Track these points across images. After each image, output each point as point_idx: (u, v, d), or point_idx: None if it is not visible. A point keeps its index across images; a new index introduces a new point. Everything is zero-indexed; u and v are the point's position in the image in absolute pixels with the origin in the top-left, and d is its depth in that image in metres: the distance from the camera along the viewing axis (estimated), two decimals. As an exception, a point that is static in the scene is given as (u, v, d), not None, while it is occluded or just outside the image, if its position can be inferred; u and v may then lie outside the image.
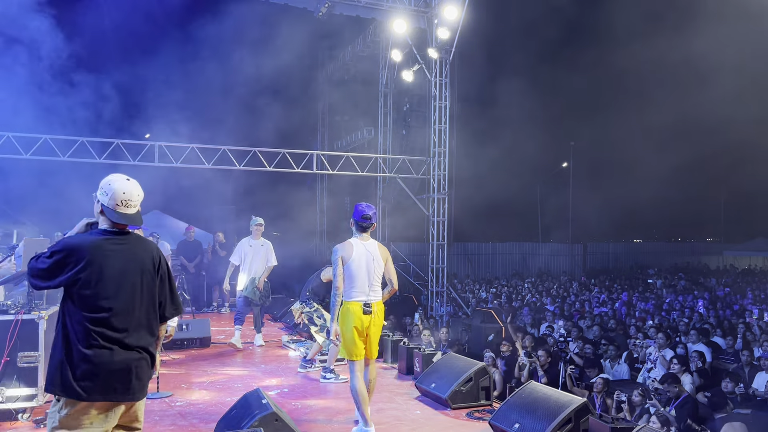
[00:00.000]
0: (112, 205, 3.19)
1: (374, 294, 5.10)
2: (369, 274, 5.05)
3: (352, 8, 14.48)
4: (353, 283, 5.03)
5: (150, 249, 3.34)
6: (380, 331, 5.25)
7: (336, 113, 21.32)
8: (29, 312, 5.28)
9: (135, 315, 3.18)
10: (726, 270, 27.64)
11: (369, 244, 5.14)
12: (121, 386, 3.11)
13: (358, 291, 5.03)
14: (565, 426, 4.64)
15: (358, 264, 5.02)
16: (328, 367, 7.05)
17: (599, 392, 7.43)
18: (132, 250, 3.25)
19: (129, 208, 3.22)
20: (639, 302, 15.59)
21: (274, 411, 4.48)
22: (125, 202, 3.20)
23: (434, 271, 14.73)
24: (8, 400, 5.13)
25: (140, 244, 3.33)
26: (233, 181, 16.36)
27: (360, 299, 5.03)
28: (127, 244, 3.25)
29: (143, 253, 3.29)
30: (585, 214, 30.66)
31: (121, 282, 3.15)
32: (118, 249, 3.20)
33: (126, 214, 3.22)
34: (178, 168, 13.57)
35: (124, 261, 3.19)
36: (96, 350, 3.05)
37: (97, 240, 3.18)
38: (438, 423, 5.57)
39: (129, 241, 3.27)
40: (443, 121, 14.61)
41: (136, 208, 3.27)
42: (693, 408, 6.73)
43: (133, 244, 3.28)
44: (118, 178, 3.27)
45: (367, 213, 5.12)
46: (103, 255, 3.13)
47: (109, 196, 3.20)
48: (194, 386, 6.73)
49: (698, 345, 9.41)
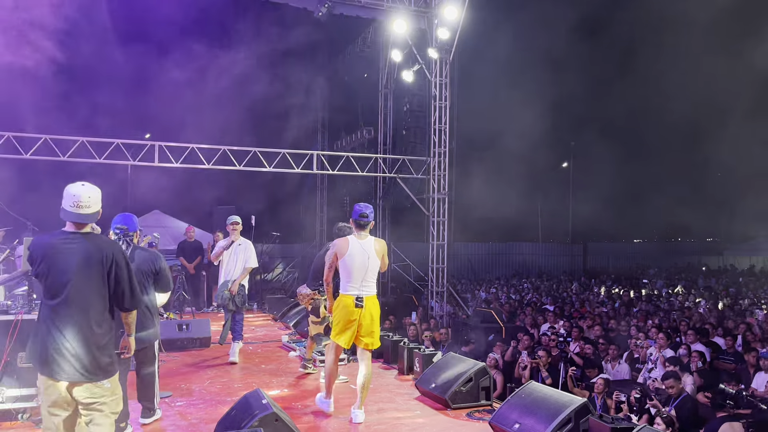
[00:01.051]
0: (65, 206, 3.69)
1: (367, 289, 5.40)
2: (363, 271, 5.36)
3: (352, 8, 14.47)
4: (348, 277, 5.38)
5: (102, 247, 3.73)
6: (376, 323, 5.51)
7: (336, 113, 21.32)
8: (29, 312, 5.27)
9: (77, 304, 3.62)
10: (726, 270, 27.64)
11: (366, 241, 5.42)
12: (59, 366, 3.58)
13: (352, 285, 5.37)
14: (565, 426, 4.64)
15: (353, 260, 5.34)
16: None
17: (599, 392, 7.43)
18: (82, 248, 3.67)
19: (79, 209, 3.67)
20: (639, 302, 15.59)
21: (274, 411, 4.48)
22: (75, 204, 3.66)
23: (434, 271, 14.73)
24: (8, 400, 5.13)
25: (94, 241, 3.74)
26: (233, 181, 16.37)
27: (353, 293, 5.37)
28: (77, 242, 3.68)
29: (94, 249, 3.69)
30: (585, 214, 30.69)
31: (67, 274, 3.61)
32: (68, 246, 3.66)
33: (72, 212, 3.67)
34: (178, 168, 13.56)
35: (72, 256, 3.64)
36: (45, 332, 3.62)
37: (51, 239, 3.71)
38: (438, 423, 5.56)
39: (80, 240, 3.69)
40: (443, 121, 14.60)
41: (89, 209, 3.69)
42: (693, 408, 6.73)
43: (85, 241, 3.70)
44: (74, 184, 3.74)
45: (364, 211, 5.45)
46: (54, 251, 3.65)
47: (64, 199, 3.69)
48: (194, 386, 6.72)
49: (698, 345, 9.41)
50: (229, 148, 13.59)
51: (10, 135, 11.95)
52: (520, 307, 15.11)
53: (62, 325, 3.59)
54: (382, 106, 17.51)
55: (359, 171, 15.28)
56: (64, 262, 3.63)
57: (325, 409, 5.69)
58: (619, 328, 11.65)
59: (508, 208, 29.62)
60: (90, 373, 3.63)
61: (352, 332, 5.39)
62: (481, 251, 28.69)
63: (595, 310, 14.06)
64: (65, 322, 3.59)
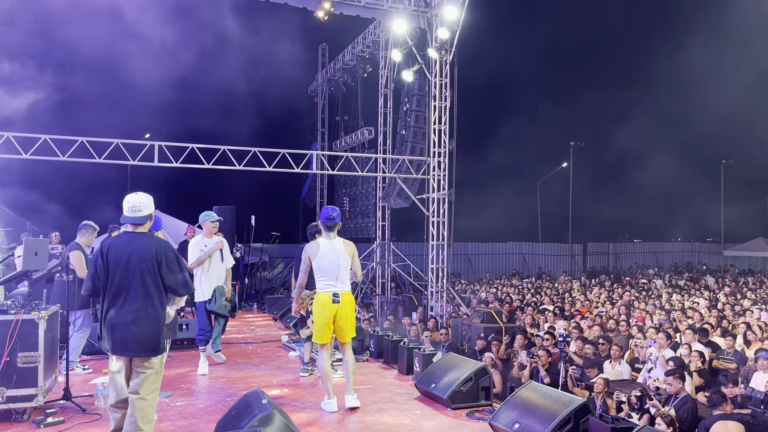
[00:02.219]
0: (124, 212, 4.45)
1: (342, 285, 5.72)
2: (336, 269, 5.67)
3: (352, 8, 14.47)
4: (323, 276, 5.69)
5: (150, 243, 4.41)
6: (352, 318, 5.85)
7: (336, 113, 21.32)
8: (29, 312, 5.27)
9: (130, 293, 4.27)
10: (726, 270, 27.63)
11: (335, 242, 5.76)
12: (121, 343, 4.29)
13: (327, 283, 5.67)
14: (564, 426, 4.64)
15: (325, 260, 5.66)
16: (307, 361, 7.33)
17: (599, 392, 7.43)
18: (133, 245, 4.36)
19: (135, 213, 4.42)
20: (639, 302, 15.58)
21: (274, 411, 4.48)
22: (131, 208, 4.42)
23: (434, 271, 14.73)
24: (8, 400, 5.13)
25: (143, 239, 4.43)
26: (233, 181, 16.37)
27: (329, 290, 5.67)
28: (131, 240, 4.41)
29: (144, 246, 4.37)
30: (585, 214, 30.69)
31: (118, 268, 4.29)
32: (122, 243, 4.39)
33: (126, 216, 4.43)
34: (178, 168, 13.56)
35: (126, 252, 4.34)
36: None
37: (112, 238, 4.54)
38: (438, 423, 5.56)
39: (134, 238, 4.41)
40: (443, 121, 14.61)
41: (141, 212, 4.43)
42: (692, 408, 6.73)
43: (137, 239, 4.40)
44: (130, 194, 4.50)
45: (331, 214, 5.78)
46: (109, 248, 4.37)
47: (123, 206, 4.46)
48: (194, 386, 6.72)
49: (697, 345, 9.40)
50: (228, 148, 13.59)
51: (10, 135, 11.95)
52: (520, 307, 15.10)
53: (116, 309, 4.27)
54: (382, 106, 17.51)
55: (359, 171, 15.27)
56: (120, 257, 4.32)
57: (330, 410, 5.71)
58: (618, 328, 11.64)
59: (508, 208, 29.66)
60: (141, 346, 4.33)
61: (330, 328, 5.69)
62: (481, 251, 28.68)
63: (595, 310, 14.06)
64: (118, 307, 4.27)
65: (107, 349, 4.38)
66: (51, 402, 5.58)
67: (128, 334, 4.24)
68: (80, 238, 7.13)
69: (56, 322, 5.90)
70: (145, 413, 4.27)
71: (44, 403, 5.38)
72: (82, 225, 7.26)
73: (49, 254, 6.81)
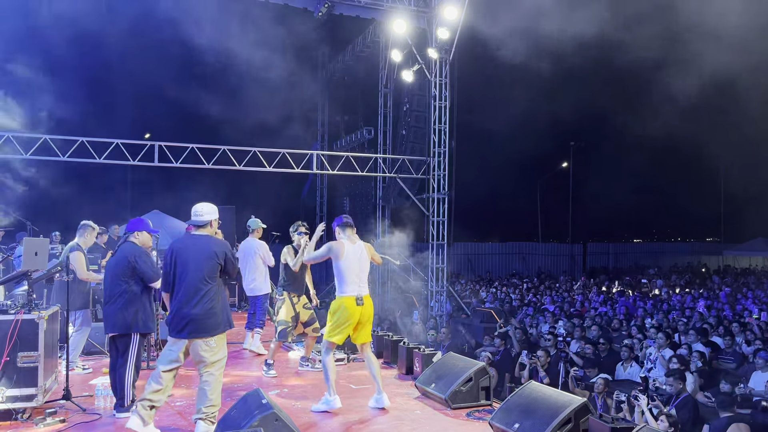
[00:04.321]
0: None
1: (364, 287, 5.72)
2: (359, 271, 5.66)
3: (352, 8, 14.47)
4: (346, 279, 5.63)
5: (211, 244, 4.97)
6: (372, 319, 5.90)
7: (336, 113, 21.31)
8: (29, 312, 5.27)
9: (192, 287, 4.83)
10: (726, 270, 27.63)
11: (357, 245, 5.75)
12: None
13: (351, 286, 5.63)
14: (564, 426, 4.64)
15: (349, 261, 5.63)
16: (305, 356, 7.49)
17: (600, 393, 7.43)
18: (197, 244, 4.96)
19: (197, 217, 5.07)
20: (639, 302, 15.58)
21: (274, 411, 4.48)
22: (195, 213, 5.09)
23: (434, 271, 14.72)
24: (8, 400, 5.13)
25: (203, 240, 5.01)
26: (233, 181, 16.38)
27: (353, 294, 5.62)
28: (194, 240, 5.04)
29: (204, 246, 4.95)
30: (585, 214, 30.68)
31: (186, 265, 4.86)
32: (188, 243, 5.02)
33: (192, 221, 5.12)
34: (178, 168, 13.56)
35: (190, 251, 4.93)
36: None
37: (180, 238, 5.23)
38: (438, 423, 5.56)
39: (197, 238, 5.03)
40: (443, 121, 14.61)
41: (202, 217, 5.06)
42: (693, 408, 6.73)
43: (200, 240, 5.01)
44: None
45: (345, 218, 5.88)
46: (179, 247, 4.99)
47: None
48: (194, 386, 6.71)
49: (697, 345, 9.40)
50: (229, 148, 13.59)
51: (10, 135, 11.95)
52: (520, 307, 15.11)
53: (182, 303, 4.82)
54: (382, 106, 17.51)
55: (359, 171, 15.28)
56: (185, 255, 4.89)
57: (333, 407, 5.70)
58: (619, 328, 11.65)
59: (508, 208, 29.65)
60: (207, 331, 4.88)
61: (349, 331, 5.68)
62: (481, 251, 28.68)
63: (595, 310, 14.06)
64: (184, 302, 4.81)
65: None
66: (51, 402, 5.57)
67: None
68: (80, 238, 7.12)
69: (56, 322, 5.91)
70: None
71: (44, 403, 5.38)
72: (81, 225, 7.25)
73: (49, 254, 6.81)
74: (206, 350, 4.86)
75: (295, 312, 7.18)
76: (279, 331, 7.11)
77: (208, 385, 4.86)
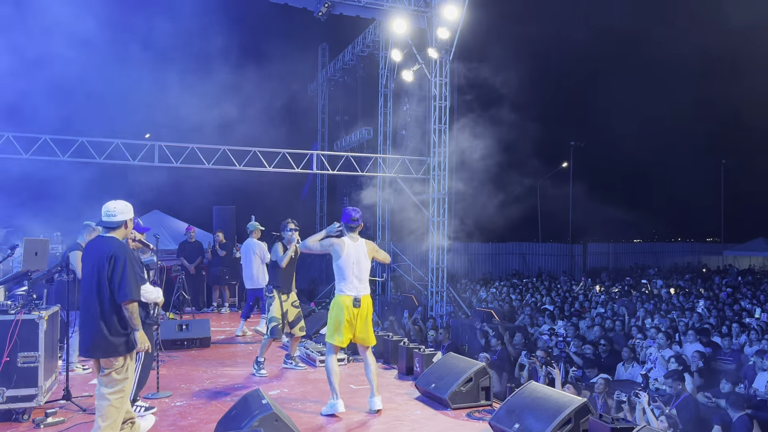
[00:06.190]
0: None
1: (363, 289, 5.66)
2: (358, 271, 5.62)
3: (352, 8, 14.46)
4: (344, 278, 5.60)
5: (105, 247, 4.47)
6: (371, 321, 5.82)
7: (336, 113, 21.31)
8: (29, 312, 5.28)
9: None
10: (726, 270, 27.62)
11: (358, 244, 5.70)
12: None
13: (349, 286, 5.60)
14: (565, 426, 4.64)
15: (348, 261, 5.60)
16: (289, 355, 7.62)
17: (600, 393, 7.43)
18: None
19: (109, 218, 4.62)
20: (639, 302, 15.56)
21: (274, 411, 4.48)
22: (105, 213, 4.65)
23: (434, 271, 14.72)
24: (8, 400, 5.13)
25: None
26: (233, 181, 16.36)
27: (350, 294, 5.59)
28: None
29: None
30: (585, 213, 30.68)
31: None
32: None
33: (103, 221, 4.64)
34: (178, 168, 13.55)
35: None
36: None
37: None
38: (438, 423, 5.56)
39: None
40: (443, 121, 14.60)
41: (115, 217, 4.62)
42: (694, 408, 6.73)
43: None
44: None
45: (354, 215, 5.74)
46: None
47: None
48: (194, 386, 6.72)
49: (697, 345, 9.40)
50: (229, 148, 13.59)
51: (10, 135, 11.95)
52: (520, 307, 15.10)
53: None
54: (382, 106, 17.51)
55: (359, 171, 15.27)
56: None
57: (337, 411, 5.61)
58: (621, 329, 11.64)
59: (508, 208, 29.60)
60: (99, 351, 4.48)
61: (349, 331, 5.60)
62: (481, 251, 28.68)
63: (595, 311, 14.05)
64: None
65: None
66: (51, 402, 5.58)
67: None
68: (81, 238, 7.13)
69: (56, 322, 5.91)
70: None
71: (44, 403, 5.38)
72: (84, 225, 7.26)
73: (48, 254, 6.81)
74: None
75: (283, 310, 7.32)
76: (270, 328, 7.22)
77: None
